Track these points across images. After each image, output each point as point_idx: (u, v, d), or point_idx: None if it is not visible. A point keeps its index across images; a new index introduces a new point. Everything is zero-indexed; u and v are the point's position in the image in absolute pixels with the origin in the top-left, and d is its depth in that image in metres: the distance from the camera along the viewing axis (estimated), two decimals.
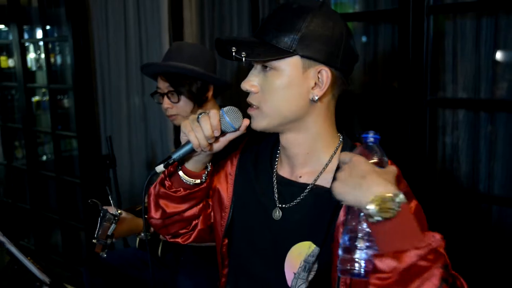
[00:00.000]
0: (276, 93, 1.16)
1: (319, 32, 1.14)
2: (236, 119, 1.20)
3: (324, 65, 1.15)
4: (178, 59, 1.96)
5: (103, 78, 3.41)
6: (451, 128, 2.16)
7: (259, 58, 1.14)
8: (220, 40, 1.21)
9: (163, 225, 1.39)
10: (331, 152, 1.25)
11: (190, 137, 1.19)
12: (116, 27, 3.25)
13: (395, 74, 2.27)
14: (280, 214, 1.26)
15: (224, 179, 1.39)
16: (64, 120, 4.10)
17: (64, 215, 3.96)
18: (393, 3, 2.24)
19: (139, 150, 3.33)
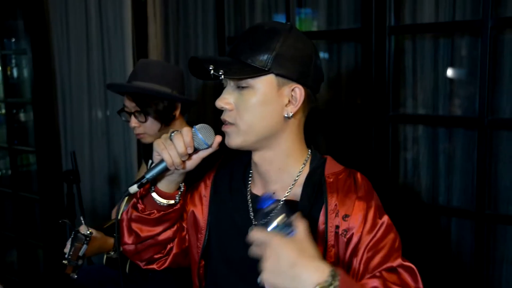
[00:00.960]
0: (251, 110, 1.19)
1: (291, 52, 1.19)
2: (209, 136, 1.22)
3: (297, 83, 1.20)
4: (145, 79, 1.96)
5: (63, 91, 3.33)
6: (411, 143, 2.25)
7: (236, 76, 1.18)
8: (196, 58, 1.23)
9: (137, 251, 1.38)
10: (300, 166, 1.28)
11: (164, 155, 1.19)
12: (77, 40, 3.19)
13: (357, 91, 2.35)
14: None
15: (198, 201, 1.40)
16: (21, 134, 3.98)
17: (21, 232, 3.84)
18: (355, 23, 2.33)
19: (101, 165, 3.28)
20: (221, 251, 1.34)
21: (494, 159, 2.05)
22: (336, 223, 1.18)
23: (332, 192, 1.20)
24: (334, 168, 1.27)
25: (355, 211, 1.17)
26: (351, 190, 1.21)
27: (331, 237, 1.18)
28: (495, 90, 2.01)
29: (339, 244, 1.18)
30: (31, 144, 3.72)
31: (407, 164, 2.26)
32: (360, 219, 1.17)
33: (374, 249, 1.15)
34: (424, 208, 2.22)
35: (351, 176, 1.25)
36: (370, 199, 1.20)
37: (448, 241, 2.20)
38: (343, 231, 1.17)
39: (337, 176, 1.24)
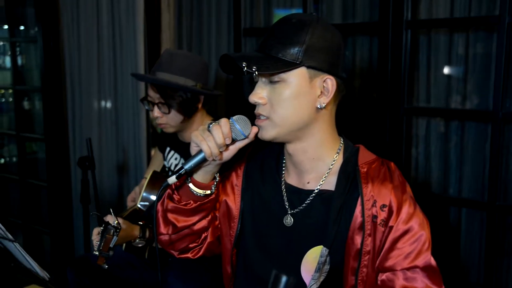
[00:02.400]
0: (285, 103, 1.23)
1: (321, 43, 1.22)
2: (246, 127, 1.25)
3: (328, 74, 1.24)
4: (170, 70, 1.98)
5: (73, 80, 3.35)
6: (424, 136, 2.30)
7: (269, 71, 1.21)
8: (228, 56, 1.25)
9: (171, 241, 1.40)
10: (334, 155, 1.32)
11: (203, 146, 1.21)
12: (88, 28, 3.21)
13: (373, 84, 2.40)
14: (291, 220, 1.32)
15: (230, 190, 1.43)
16: (27, 122, 4.00)
17: (27, 219, 3.86)
18: (371, 17, 2.37)
19: (109, 154, 3.31)
20: (256, 238, 1.38)
21: (505, 151, 2.11)
22: (374, 212, 1.22)
23: (366, 183, 1.24)
24: (367, 157, 1.30)
25: (393, 201, 1.22)
26: (387, 179, 1.25)
27: (368, 226, 1.22)
28: (508, 85, 2.06)
29: (377, 234, 1.22)
30: (37, 131, 3.73)
31: (419, 156, 2.32)
32: (397, 209, 1.21)
33: (405, 242, 1.21)
34: (435, 199, 2.27)
35: (384, 165, 1.29)
36: (404, 189, 1.25)
37: (458, 232, 2.26)
38: (382, 221, 1.22)
39: (370, 165, 1.28)
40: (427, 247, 1.21)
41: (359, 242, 1.23)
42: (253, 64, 1.18)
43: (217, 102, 2.96)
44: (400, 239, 1.21)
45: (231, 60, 1.25)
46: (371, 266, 1.24)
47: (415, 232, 1.21)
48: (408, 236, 1.21)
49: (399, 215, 1.21)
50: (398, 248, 1.21)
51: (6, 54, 4.06)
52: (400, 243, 1.21)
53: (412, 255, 1.20)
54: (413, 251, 1.20)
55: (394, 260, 1.21)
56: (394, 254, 1.21)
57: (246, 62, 1.18)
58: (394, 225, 1.21)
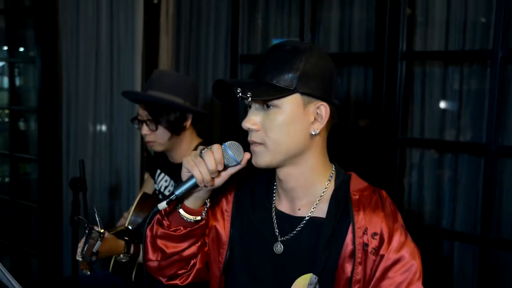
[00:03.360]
0: (279, 129, 1.22)
1: (315, 70, 1.22)
2: (239, 153, 1.23)
3: (321, 101, 1.24)
4: (159, 88, 2.01)
5: (69, 101, 3.35)
6: (418, 167, 2.29)
7: (264, 97, 1.21)
8: (223, 82, 1.25)
9: (160, 267, 1.38)
10: (325, 182, 1.31)
11: (194, 172, 1.19)
12: (87, 51, 3.22)
13: (366, 113, 2.41)
14: (281, 248, 1.30)
15: (220, 216, 1.40)
16: (21, 143, 3.98)
17: (16, 240, 3.80)
18: (367, 47, 2.39)
19: (102, 176, 3.29)
20: (246, 265, 1.35)
21: (499, 185, 2.10)
22: (365, 240, 1.20)
23: (358, 210, 1.23)
24: (359, 185, 1.29)
25: (384, 229, 1.20)
26: (378, 207, 1.24)
27: (359, 254, 1.20)
28: (502, 118, 2.07)
29: (367, 262, 1.20)
30: (31, 152, 3.71)
31: (413, 187, 2.31)
32: (388, 238, 1.20)
33: (396, 271, 1.19)
34: (427, 230, 2.26)
35: (376, 193, 1.28)
36: (396, 217, 1.24)
37: (451, 265, 2.23)
38: (373, 249, 1.20)
39: (362, 193, 1.26)
40: (418, 277, 1.19)
41: (350, 270, 1.21)
42: (248, 90, 1.18)
43: (212, 126, 2.96)
44: (391, 268, 1.19)
45: (225, 86, 1.24)
46: None
47: (406, 261, 1.19)
48: (399, 265, 1.19)
49: (390, 243, 1.20)
50: (389, 278, 1.19)
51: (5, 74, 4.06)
52: (391, 272, 1.19)
53: (403, 285, 1.18)
54: (404, 280, 1.18)
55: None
56: (385, 283, 1.19)
57: (241, 88, 1.18)
58: (386, 253, 1.19)
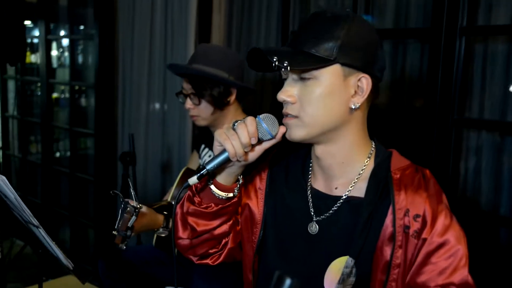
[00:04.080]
0: (316, 102, 1.14)
1: (357, 40, 1.13)
2: (273, 126, 1.16)
3: (363, 73, 1.15)
4: (203, 62, 1.98)
5: (124, 78, 3.44)
6: (475, 149, 2.16)
7: (302, 67, 1.13)
8: (258, 49, 1.17)
9: (191, 245, 1.34)
10: (364, 160, 1.23)
11: (226, 145, 1.14)
12: (142, 29, 3.28)
13: (421, 92, 2.29)
14: (317, 228, 1.23)
15: (253, 194, 1.34)
16: (81, 118, 4.13)
17: (75, 211, 3.97)
18: (424, 22, 2.26)
19: (155, 152, 3.35)
20: (278, 246, 1.29)
21: None
22: (406, 223, 1.12)
23: (399, 190, 1.14)
24: (400, 163, 1.20)
25: (427, 211, 1.12)
26: (421, 187, 1.15)
27: (399, 237, 1.12)
28: None
29: (408, 246, 1.12)
30: (89, 127, 3.84)
31: (469, 171, 2.18)
32: (431, 220, 1.12)
33: (440, 256, 1.11)
34: (484, 217, 2.13)
35: (419, 172, 1.19)
36: (440, 199, 1.15)
37: (510, 254, 2.10)
38: (414, 232, 1.12)
39: (403, 172, 1.18)
40: (464, 263, 1.10)
41: (389, 254, 1.13)
42: (284, 59, 1.10)
43: (263, 102, 2.93)
44: (434, 253, 1.10)
45: (261, 54, 1.16)
46: (401, 281, 1.13)
47: (451, 246, 1.10)
48: (444, 250, 1.10)
49: (433, 226, 1.11)
50: (432, 263, 1.10)
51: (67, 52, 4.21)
52: (434, 258, 1.10)
53: (447, 271, 1.09)
54: (449, 266, 1.09)
55: (427, 276, 1.10)
56: (427, 269, 1.11)
57: (277, 57, 1.10)
58: (428, 237, 1.10)
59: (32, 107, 4.58)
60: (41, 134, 4.21)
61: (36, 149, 4.55)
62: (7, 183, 1.34)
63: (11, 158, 4.71)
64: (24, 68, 4.46)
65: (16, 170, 4.64)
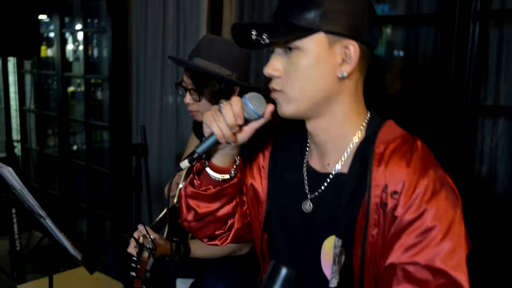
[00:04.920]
0: (302, 73, 1.10)
1: (341, 6, 1.08)
2: (260, 105, 1.14)
3: (350, 39, 1.10)
4: (205, 56, 1.87)
5: (138, 71, 3.45)
6: (490, 137, 2.11)
7: (281, 38, 1.09)
8: (238, 25, 1.14)
9: (197, 228, 1.34)
10: (357, 132, 1.17)
11: (213, 127, 1.14)
12: (154, 21, 3.28)
13: (435, 79, 2.24)
14: (310, 206, 1.22)
15: (257, 173, 1.34)
16: (97, 111, 4.17)
17: (91, 204, 4.02)
18: (437, 8, 2.21)
19: (168, 143, 3.36)
20: (280, 223, 1.29)
21: None
22: (384, 199, 1.06)
23: (378, 165, 1.08)
24: (390, 134, 1.13)
25: (405, 187, 1.04)
26: (403, 160, 1.06)
27: (373, 215, 1.07)
28: None
29: (385, 223, 1.06)
30: (105, 120, 3.87)
31: (484, 159, 2.12)
32: (406, 196, 1.03)
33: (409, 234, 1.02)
34: (501, 206, 2.08)
35: (408, 143, 1.10)
36: (424, 172, 1.05)
37: None
38: (391, 209, 1.05)
39: (388, 144, 1.10)
40: (437, 242, 1.00)
41: (362, 229, 1.09)
42: (264, 32, 1.06)
43: None
44: (404, 231, 1.03)
45: (243, 30, 1.12)
46: (379, 259, 1.08)
47: (422, 222, 1.01)
48: (414, 227, 1.02)
49: (407, 202, 1.03)
50: (400, 240, 1.03)
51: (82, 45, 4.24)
52: (404, 235, 1.02)
53: (414, 249, 1.01)
54: (417, 244, 1.01)
55: (393, 254, 1.03)
56: (395, 247, 1.03)
57: (256, 30, 1.06)
58: (400, 215, 1.04)
59: (48, 100, 4.63)
60: (58, 127, 4.26)
61: (53, 142, 4.61)
62: (13, 174, 1.35)
63: (29, 151, 4.77)
64: (40, 62, 4.51)
65: (34, 163, 4.70)
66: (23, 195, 1.39)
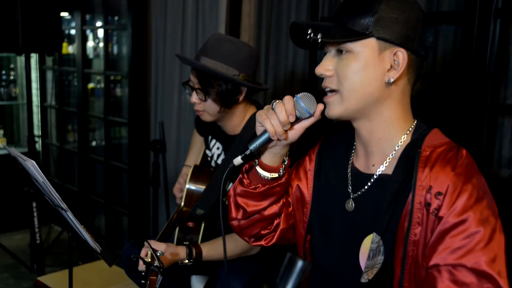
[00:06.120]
0: (352, 75, 1.16)
1: (395, 15, 1.14)
2: (311, 104, 1.20)
3: (400, 47, 1.15)
4: (213, 56, 1.85)
5: (157, 68, 3.48)
6: (510, 137, 2.08)
7: (334, 39, 1.15)
8: (296, 24, 1.21)
9: (244, 226, 1.40)
10: (402, 137, 1.22)
11: (266, 124, 1.19)
12: (174, 18, 3.31)
13: (454, 78, 2.22)
14: (353, 205, 1.26)
15: (303, 175, 1.40)
16: (116, 108, 4.22)
17: (109, 199, 4.07)
18: (457, 5, 2.20)
19: (186, 140, 3.38)
20: (322, 224, 1.33)
21: None
22: (427, 200, 1.10)
23: (424, 167, 1.12)
24: (436, 140, 1.17)
25: (450, 189, 1.07)
26: (449, 165, 1.10)
27: (417, 214, 1.10)
28: None
29: (428, 223, 1.09)
30: (123, 117, 3.91)
31: (503, 160, 2.10)
32: (451, 199, 1.07)
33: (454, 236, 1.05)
34: None
35: (453, 150, 1.14)
36: (469, 179, 1.09)
37: None
38: (434, 209, 1.08)
39: (435, 149, 1.14)
40: (481, 247, 1.03)
41: (405, 230, 1.12)
42: (319, 32, 1.13)
43: None
44: (449, 232, 1.06)
45: (300, 29, 1.19)
46: (420, 259, 1.12)
47: (468, 226, 1.05)
48: (459, 230, 1.05)
49: (453, 205, 1.06)
50: (445, 242, 1.06)
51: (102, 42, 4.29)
52: (448, 237, 1.06)
53: (460, 251, 1.04)
54: (462, 247, 1.04)
55: (438, 255, 1.07)
56: (440, 248, 1.07)
57: (312, 29, 1.14)
58: (445, 216, 1.07)
59: (69, 97, 4.69)
60: (78, 123, 4.32)
61: (73, 138, 4.67)
62: (36, 167, 1.38)
63: (50, 147, 4.85)
64: (62, 58, 4.57)
65: (54, 159, 4.77)
66: (46, 188, 1.42)
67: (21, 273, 3.55)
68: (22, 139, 4.91)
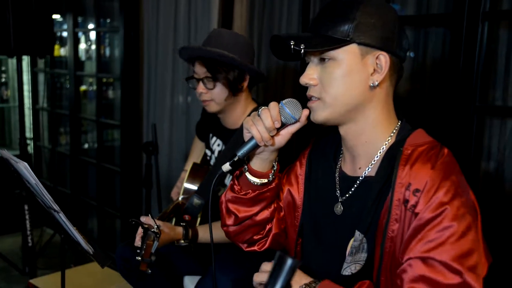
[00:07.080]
0: (336, 82, 1.19)
1: (373, 19, 1.17)
2: (296, 110, 1.22)
3: (381, 51, 1.18)
4: (218, 46, 1.95)
5: (149, 70, 3.48)
6: (498, 138, 2.11)
7: (317, 49, 1.17)
8: (278, 36, 1.23)
9: (237, 232, 1.42)
10: (387, 138, 1.24)
11: (252, 131, 1.21)
12: (166, 20, 3.32)
13: (443, 79, 2.25)
14: (341, 209, 1.29)
15: (294, 180, 1.42)
16: (108, 110, 4.21)
17: (102, 201, 4.06)
18: (446, 8, 2.22)
19: (179, 142, 3.39)
20: (313, 229, 1.36)
21: None
22: (406, 197, 1.12)
23: (404, 165, 1.14)
24: (418, 140, 1.19)
25: (427, 186, 1.09)
26: (429, 162, 1.12)
27: (395, 211, 1.13)
28: None
29: (405, 220, 1.11)
30: (116, 119, 3.91)
31: (491, 161, 2.13)
32: (428, 195, 1.09)
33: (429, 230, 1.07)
34: (508, 207, 2.08)
35: (435, 149, 1.16)
36: (447, 176, 1.10)
37: None
38: (412, 206, 1.11)
39: (416, 147, 1.17)
40: (454, 241, 1.05)
41: (383, 226, 1.15)
42: (301, 43, 1.16)
43: (284, 95, 2.93)
44: (424, 228, 1.08)
45: (281, 41, 1.22)
46: (397, 254, 1.13)
47: (441, 220, 1.06)
48: (433, 224, 1.07)
49: (428, 201, 1.08)
50: (419, 237, 1.08)
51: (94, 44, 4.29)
52: (422, 232, 1.08)
53: (431, 244, 1.06)
54: (434, 239, 1.06)
55: (412, 249, 1.09)
56: (413, 242, 1.09)
57: (294, 41, 1.16)
58: (420, 212, 1.09)
59: (61, 99, 4.69)
60: (70, 126, 4.31)
61: (65, 140, 4.66)
62: (28, 169, 1.39)
63: (42, 149, 4.83)
64: (53, 61, 4.56)
65: (46, 161, 4.76)
66: (38, 189, 1.43)
67: (13, 276, 3.54)
68: (14, 141, 4.89)
